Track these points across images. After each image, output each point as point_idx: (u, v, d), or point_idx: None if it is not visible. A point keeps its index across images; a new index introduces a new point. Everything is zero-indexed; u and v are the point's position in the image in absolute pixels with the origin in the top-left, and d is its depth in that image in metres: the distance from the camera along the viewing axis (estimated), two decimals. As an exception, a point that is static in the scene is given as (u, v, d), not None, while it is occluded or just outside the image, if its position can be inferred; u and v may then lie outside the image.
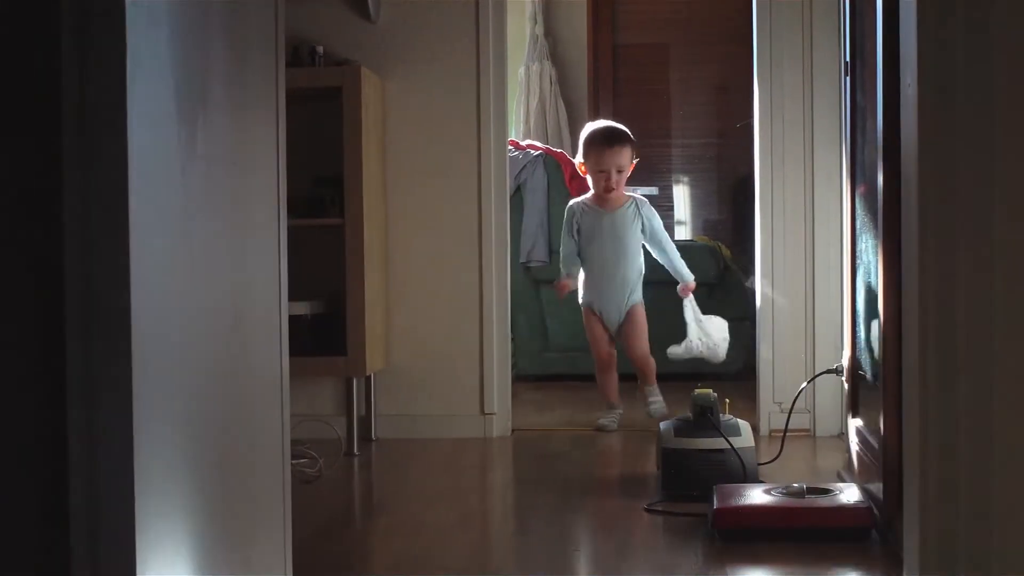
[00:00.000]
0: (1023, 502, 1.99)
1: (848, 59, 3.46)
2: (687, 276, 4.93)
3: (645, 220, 4.87)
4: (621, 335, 4.88)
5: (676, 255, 4.95)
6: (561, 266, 4.97)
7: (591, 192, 4.92)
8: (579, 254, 4.90)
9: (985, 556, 1.97)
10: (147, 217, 1.49)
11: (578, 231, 4.88)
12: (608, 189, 4.81)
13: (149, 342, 1.49)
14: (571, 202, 4.98)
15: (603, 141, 4.82)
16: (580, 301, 4.94)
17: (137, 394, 1.45)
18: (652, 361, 4.89)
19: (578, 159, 4.94)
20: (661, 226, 4.95)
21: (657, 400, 4.85)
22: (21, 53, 1.45)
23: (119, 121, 1.43)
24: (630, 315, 4.86)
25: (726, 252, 6.41)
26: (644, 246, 4.92)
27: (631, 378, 5.00)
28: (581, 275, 4.94)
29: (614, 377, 4.86)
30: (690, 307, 4.91)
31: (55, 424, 1.45)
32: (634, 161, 4.88)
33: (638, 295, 4.87)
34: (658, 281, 5.05)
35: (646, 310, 4.92)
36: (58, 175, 1.43)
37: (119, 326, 1.44)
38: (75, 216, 1.43)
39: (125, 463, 1.45)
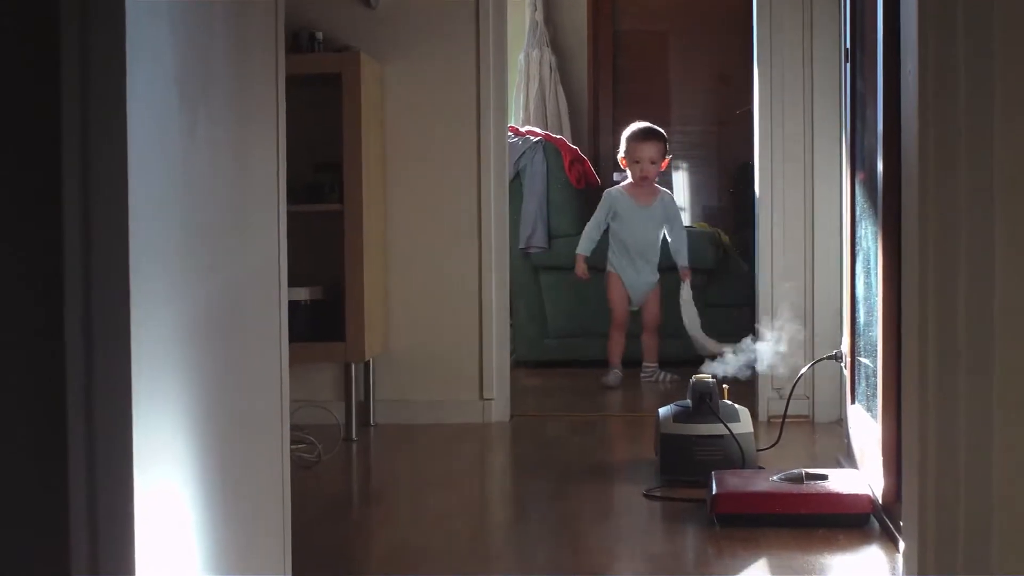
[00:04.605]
0: (1023, 491, 1.99)
1: (848, 46, 3.46)
2: (684, 261, 5.68)
3: (670, 213, 5.72)
4: (641, 311, 5.73)
5: (684, 244, 5.69)
6: (581, 245, 5.70)
7: (627, 181, 5.74)
8: (608, 233, 5.70)
9: (985, 543, 1.97)
10: (147, 203, 1.49)
11: (613, 216, 5.67)
12: (643, 177, 5.63)
13: (148, 328, 1.50)
14: (608, 190, 5.79)
15: (639, 136, 5.65)
16: (608, 267, 5.71)
17: (136, 379, 1.45)
18: (656, 341, 5.69)
19: (620, 154, 5.73)
20: (680, 219, 5.79)
21: (653, 368, 5.67)
22: (20, 40, 1.45)
23: (119, 107, 1.43)
24: (648, 299, 5.74)
25: (726, 239, 6.41)
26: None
27: (636, 364, 5.56)
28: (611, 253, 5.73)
29: (623, 340, 5.64)
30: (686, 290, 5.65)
31: (54, 411, 1.45)
32: (667, 157, 5.70)
33: (654, 280, 5.73)
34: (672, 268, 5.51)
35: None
36: (58, 162, 1.43)
37: (119, 313, 1.44)
38: (75, 203, 1.43)
39: (124, 449, 1.45)
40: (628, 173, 5.75)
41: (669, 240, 5.71)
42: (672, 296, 5.66)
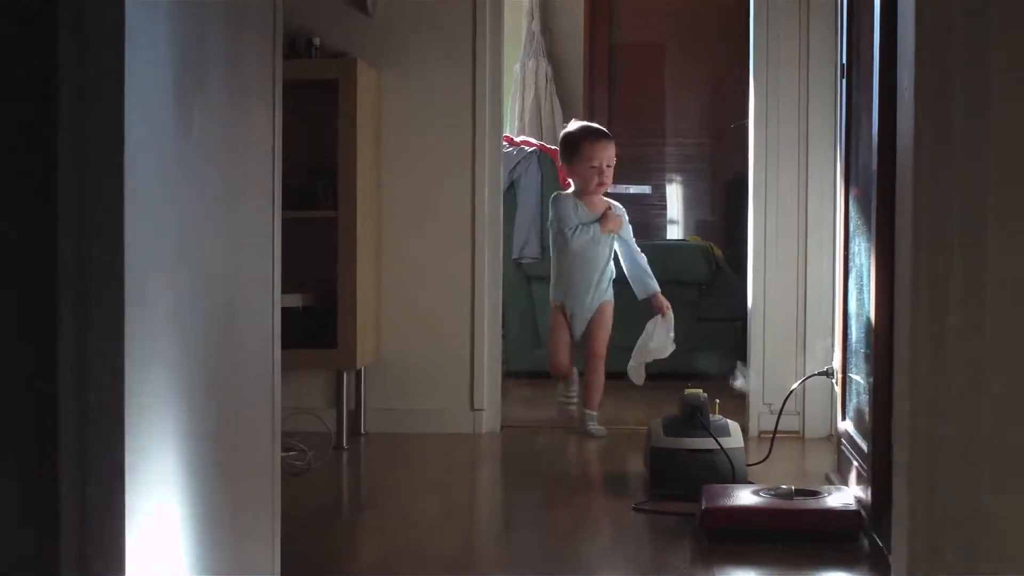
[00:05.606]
0: (1011, 508, 1.99)
1: (844, 60, 3.46)
2: (652, 285, 4.69)
3: (623, 231, 4.69)
4: (586, 331, 4.67)
5: (644, 265, 4.72)
6: (571, 233, 4.59)
7: (571, 190, 4.69)
8: (551, 253, 4.74)
9: (973, 561, 1.97)
10: (141, 206, 1.49)
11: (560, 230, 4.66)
12: (601, 184, 4.60)
13: (141, 332, 1.49)
14: (561, 195, 4.70)
15: (598, 135, 4.66)
16: (551, 297, 4.75)
17: (128, 384, 1.45)
18: (602, 378, 4.62)
19: (571, 159, 4.64)
20: (631, 237, 4.74)
21: (593, 424, 4.56)
22: (19, 38, 1.44)
23: (116, 107, 1.43)
24: (599, 310, 4.64)
25: (718, 252, 6.41)
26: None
27: (617, 376, 4.81)
28: (552, 273, 4.75)
29: (573, 373, 4.71)
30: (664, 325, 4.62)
31: (46, 415, 1.44)
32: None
33: (609, 294, 4.66)
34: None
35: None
36: (53, 161, 1.43)
37: (112, 316, 1.43)
38: (70, 202, 1.43)
39: (115, 453, 1.44)
40: (574, 183, 4.67)
41: (624, 267, 4.69)
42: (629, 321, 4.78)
